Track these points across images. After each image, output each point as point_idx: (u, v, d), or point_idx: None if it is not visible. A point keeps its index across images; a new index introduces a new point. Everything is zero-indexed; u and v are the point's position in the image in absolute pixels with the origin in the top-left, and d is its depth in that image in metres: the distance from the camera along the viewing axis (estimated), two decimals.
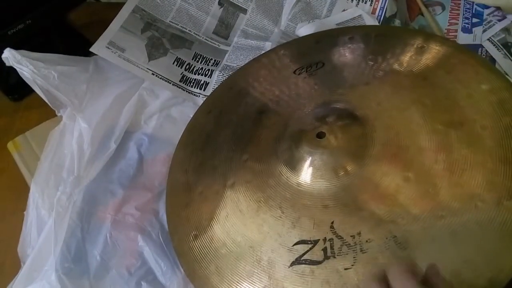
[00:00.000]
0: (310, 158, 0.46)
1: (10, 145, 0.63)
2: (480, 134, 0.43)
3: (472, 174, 0.41)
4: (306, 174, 0.45)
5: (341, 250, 0.41)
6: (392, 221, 0.40)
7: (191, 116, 0.60)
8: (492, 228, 0.38)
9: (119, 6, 0.67)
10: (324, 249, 0.41)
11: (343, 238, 0.41)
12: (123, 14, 0.66)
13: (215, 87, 0.64)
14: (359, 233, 0.41)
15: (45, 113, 0.62)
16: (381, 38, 0.56)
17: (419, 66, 0.50)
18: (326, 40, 0.60)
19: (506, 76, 0.62)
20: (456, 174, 0.41)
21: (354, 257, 0.40)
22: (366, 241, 0.40)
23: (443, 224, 0.39)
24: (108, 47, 0.62)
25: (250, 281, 0.43)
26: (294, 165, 0.47)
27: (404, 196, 0.41)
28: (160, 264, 0.49)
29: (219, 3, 0.71)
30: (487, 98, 0.45)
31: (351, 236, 0.41)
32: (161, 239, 0.51)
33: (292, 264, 0.42)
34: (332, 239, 0.41)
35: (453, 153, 0.42)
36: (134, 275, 0.49)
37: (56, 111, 0.60)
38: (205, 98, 0.63)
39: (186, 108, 0.62)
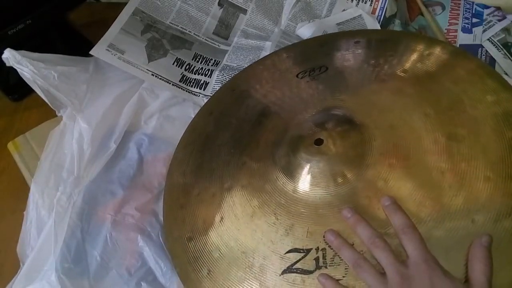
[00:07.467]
0: (307, 165, 0.45)
1: (10, 145, 0.63)
2: (482, 147, 0.42)
3: (471, 188, 0.40)
4: (302, 181, 0.45)
5: (333, 260, 0.40)
6: (384, 234, 0.39)
7: (191, 116, 0.60)
8: None
9: (119, 6, 0.67)
10: (316, 259, 0.41)
11: None
12: (123, 16, 0.66)
13: (215, 87, 0.64)
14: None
15: (45, 113, 0.62)
16: (386, 43, 0.55)
17: (424, 74, 0.49)
18: (331, 44, 0.59)
19: (506, 75, 0.62)
20: (454, 188, 0.40)
21: (346, 269, 0.39)
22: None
23: (437, 239, 0.38)
24: (108, 50, 0.62)
25: (240, 287, 0.43)
26: (291, 171, 0.46)
27: None
28: (160, 264, 0.49)
29: (219, 4, 0.71)
30: (492, 110, 0.43)
31: None
32: (161, 239, 0.51)
33: (284, 272, 0.41)
34: (325, 249, 0.41)
35: (453, 166, 0.41)
36: (134, 275, 0.49)
37: (56, 111, 0.60)
38: (205, 98, 0.63)
39: (186, 108, 0.62)
